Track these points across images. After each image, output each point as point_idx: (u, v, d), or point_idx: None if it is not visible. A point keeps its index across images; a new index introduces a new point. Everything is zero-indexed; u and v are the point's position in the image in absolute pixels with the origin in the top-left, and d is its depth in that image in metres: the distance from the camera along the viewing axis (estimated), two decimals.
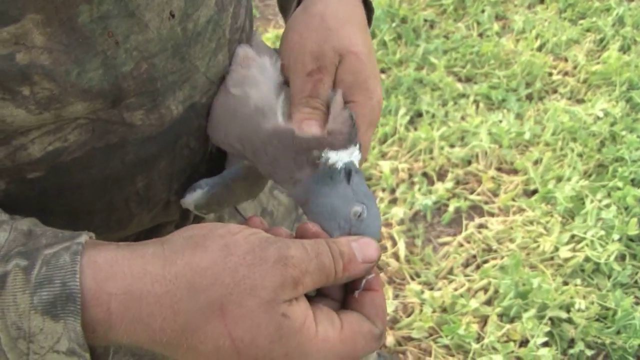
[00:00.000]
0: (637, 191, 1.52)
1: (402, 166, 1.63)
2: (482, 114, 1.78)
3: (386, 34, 1.98)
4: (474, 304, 1.31)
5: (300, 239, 0.37)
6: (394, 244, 1.47)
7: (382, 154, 1.67)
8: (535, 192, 1.58)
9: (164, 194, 0.50)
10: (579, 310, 1.30)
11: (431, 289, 1.38)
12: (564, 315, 1.30)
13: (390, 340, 1.30)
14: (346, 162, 0.43)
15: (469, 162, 1.65)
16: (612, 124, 1.73)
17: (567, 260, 1.41)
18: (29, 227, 0.36)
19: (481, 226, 1.52)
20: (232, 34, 0.49)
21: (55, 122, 0.40)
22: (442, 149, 1.67)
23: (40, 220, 0.39)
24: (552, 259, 1.42)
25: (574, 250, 1.43)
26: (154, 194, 0.49)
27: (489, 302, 1.35)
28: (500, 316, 1.32)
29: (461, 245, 1.47)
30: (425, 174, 1.63)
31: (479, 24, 2.11)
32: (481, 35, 2.08)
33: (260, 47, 0.51)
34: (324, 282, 0.36)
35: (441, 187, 1.57)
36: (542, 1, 2.23)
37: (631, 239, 1.46)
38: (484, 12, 2.15)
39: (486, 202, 1.57)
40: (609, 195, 1.54)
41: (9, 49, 0.35)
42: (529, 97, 1.86)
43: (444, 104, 1.81)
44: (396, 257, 1.45)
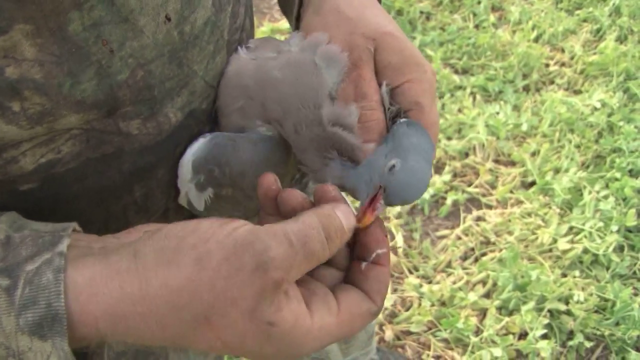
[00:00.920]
0: (635, 182, 1.51)
1: None
2: (479, 106, 1.77)
3: None
4: (472, 297, 1.31)
5: (284, 229, 0.34)
6: (392, 237, 1.47)
7: None
8: (533, 183, 1.57)
9: (162, 202, 0.48)
10: (577, 302, 1.30)
11: (429, 283, 1.38)
12: (562, 307, 1.30)
13: (389, 334, 1.29)
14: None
15: (466, 155, 1.65)
16: (610, 115, 1.72)
17: (565, 252, 1.40)
18: (6, 235, 0.34)
19: (479, 219, 1.51)
20: (231, 35, 0.47)
21: (47, 134, 0.38)
22: (439, 141, 1.66)
23: None
24: (550, 250, 1.42)
25: (572, 242, 1.42)
26: (152, 202, 0.47)
27: (487, 295, 1.35)
28: (499, 309, 1.32)
29: (459, 238, 1.47)
30: None
31: (475, 15, 2.10)
32: (477, 26, 2.07)
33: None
34: (313, 266, 0.35)
35: (438, 180, 1.57)
36: None
37: (629, 230, 1.46)
38: (480, 3, 2.13)
39: (484, 195, 1.56)
40: (607, 186, 1.54)
41: None
42: (526, 89, 1.85)
43: (441, 96, 1.80)
44: (394, 250, 1.44)
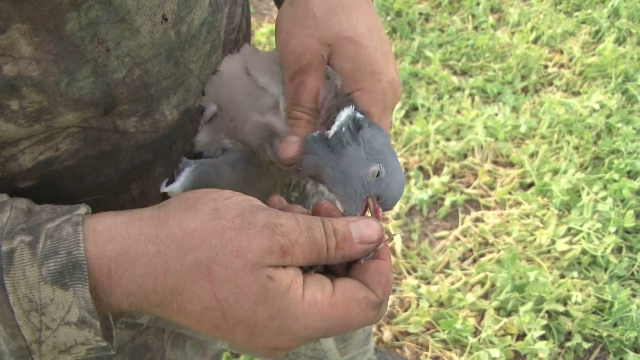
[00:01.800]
0: (634, 183, 1.52)
1: None
2: (478, 107, 1.77)
3: None
4: (471, 298, 1.31)
5: (293, 211, 0.37)
6: (391, 238, 1.46)
7: None
8: (531, 185, 1.57)
9: (160, 199, 0.49)
10: (576, 303, 1.30)
11: (428, 284, 1.38)
12: (561, 308, 1.30)
13: (387, 335, 1.29)
14: (345, 119, 0.41)
15: (465, 156, 1.65)
16: (608, 117, 1.73)
17: (563, 253, 1.41)
18: (28, 206, 0.36)
19: (478, 220, 1.51)
20: (228, 35, 0.48)
21: (46, 132, 0.39)
22: (438, 143, 1.66)
23: None
24: (548, 252, 1.42)
25: (570, 243, 1.42)
26: (150, 200, 0.48)
27: (486, 296, 1.35)
28: (497, 310, 1.32)
29: (458, 239, 1.47)
30: (421, 168, 1.62)
31: (474, 17, 2.11)
32: (476, 28, 2.08)
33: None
34: (315, 257, 0.36)
35: (437, 182, 1.57)
36: None
37: (627, 232, 1.46)
38: (479, 5, 2.14)
39: (482, 196, 1.56)
40: (605, 187, 1.54)
41: None
42: (525, 90, 1.85)
43: (440, 98, 1.81)
44: (393, 252, 1.44)
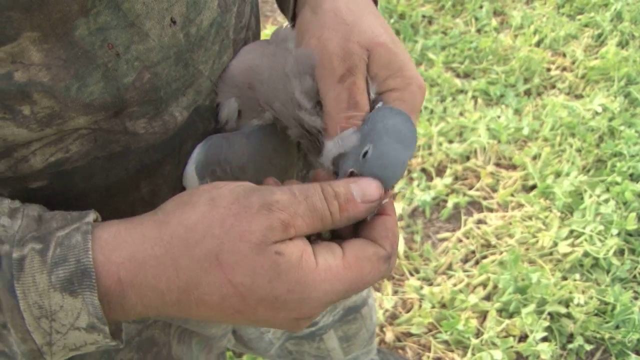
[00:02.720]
0: (636, 186, 1.52)
1: None
2: (481, 109, 1.77)
3: None
4: (473, 299, 1.32)
5: (288, 184, 0.37)
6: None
7: None
8: (534, 187, 1.58)
9: (169, 197, 0.48)
10: (578, 305, 1.30)
11: (430, 285, 1.38)
12: (563, 310, 1.30)
13: (389, 336, 1.30)
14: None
15: (468, 158, 1.65)
16: (611, 119, 1.73)
17: (566, 255, 1.41)
18: (38, 213, 0.37)
19: (480, 222, 1.52)
20: (237, 34, 0.48)
21: (56, 134, 0.39)
22: (440, 144, 1.67)
23: None
24: (551, 254, 1.42)
25: (572, 245, 1.43)
26: (159, 198, 0.48)
27: (488, 298, 1.35)
28: (499, 311, 1.32)
29: (460, 240, 1.47)
30: (423, 170, 1.63)
31: (477, 19, 2.11)
32: (479, 31, 2.08)
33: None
34: (319, 224, 0.36)
35: (440, 183, 1.57)
36: None
37: (630, 234, 1.46)
38: (482, 7, 2.14)
39: (485, 198, 1.57)
40: (608, 190, 1.54)
41: (7, 68, 0.35)
42: (528, 93, 1.86)
43: (443, 100, 1.81)
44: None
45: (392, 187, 0.41)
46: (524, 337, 1.29)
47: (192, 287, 0.35)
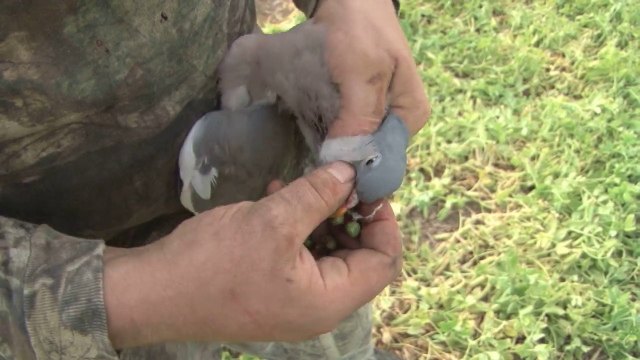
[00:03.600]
0: (634, 187, 1.52)
1: None
2: (479, 109, 1.77)
3: None
4: (470, 300, 1.31)
5: (278, 192, 0.37)
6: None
7: None
8: (532, 188, 1.57)
9: (163, 189, 0.49)
10: (575, 306, 1.30)
11: (428, 285, 1.38)
12: (560, 311, 1.30)
13: (386, 336, 1.29)
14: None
15: (466, 158, 1.65)
16: (609, 120, 1.73)
17: (563, 256, 1.41)
18: (46, 240, 0.36)
19: (478, 222, 1.51)
20: (231, 28, 0.47)
21: (47, 129, 0.39)
22: (439, 144, 1.66)
23: (39, 220, 0.39)
24: (548, 255, 1.42)
25: (570, 246, 1.43)
26: (153, 191, 0.48)
27: (485, 299, 1.35)
28: (496, 312, 1.32)
29: (458, 241, 1.47)
30: (422, 170, 1.62)
31: (476, 19, 2.11)
32: (478, 30, 2.08)
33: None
34: (318, 218, 0.36)
35: (438, 183, 1.57)
36: None
37: (628, 235, 1.46)
38: (481, 7, 2.14)
39: (483, 198, 1.57)
40: (606, 191, 1.54)
41: None
42: (526, 93, 1.85)
43: (441, 100, 1.81)
44: None
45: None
46: (521, 339, 1.28)
47: (210, 321, 0.35)
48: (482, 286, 1.37)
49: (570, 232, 1.45)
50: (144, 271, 0.35)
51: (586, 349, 1.25)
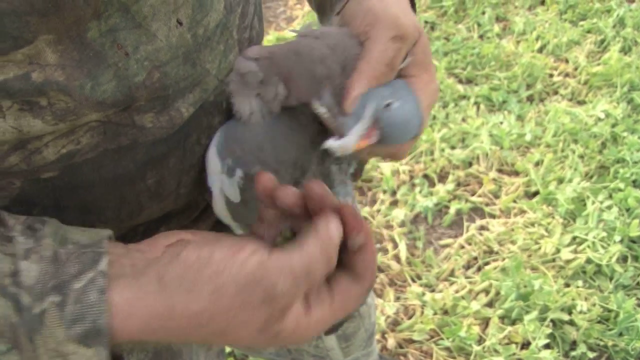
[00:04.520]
0: (639, 192, 1.51)
1: (403, 168, 1.63)
2: (483, 115, 1.77)
3: None
4: (475, 306, 1.31)
5: (291, 259, 0.37)
6: (395, 246, 1.47)
7: None
8: (536, 193, 1.57)
9: (173, 187, 0.51)
10: (580, 312, 1.30)
11: (432, 291, 1.38)
12: (565, 317, 1.30)
13: (391, 342, 1.29)
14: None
15: (470, 164, 1.65)
16: (613, 126, 1.73)
17: (568, 262, 1.40)
18: (53, 251, 0.37)
19: (482, 228, 1.51)
20: (240, 34, 0.50)
21: (69, 127, 0.41)
22: (442, 150, 1.67)
23: (54, 214, 0.41)
24: (553, 260, 1.42)
25: (575, 252, 1.42)
26: (164, 188, 0.50)
27: (490, 304, 1.35)
28: (501, 318, 1.32)
29: (462, 247, 1.47)
30: (426, 176, 1.63)
31: (479, 25, 2.11)
32: (482, 37, 2.08)
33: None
34: (325, 271, 0.38)
35: (442, 189, 1.57)
36: (542, 2, 2.23)
37: (633, 241, 1.45)
38: (484, 13, 2.15)
39: (487, 204, 1.57)
40: (611, 196, 1.54)
41: (24, 69, 0.37)
42: (530, 99, 1.86)
43: (445, 106, 1.81)
44: (397, 259, 1.45)
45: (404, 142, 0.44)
46: (526, 344, 1.28)
47: (207, 342, 0.39)
48: (486, 292, 1.36)
49: (574, 238, 1.45)
50: (144, 302, 0.37)
51: (592, 355, 1.25)
